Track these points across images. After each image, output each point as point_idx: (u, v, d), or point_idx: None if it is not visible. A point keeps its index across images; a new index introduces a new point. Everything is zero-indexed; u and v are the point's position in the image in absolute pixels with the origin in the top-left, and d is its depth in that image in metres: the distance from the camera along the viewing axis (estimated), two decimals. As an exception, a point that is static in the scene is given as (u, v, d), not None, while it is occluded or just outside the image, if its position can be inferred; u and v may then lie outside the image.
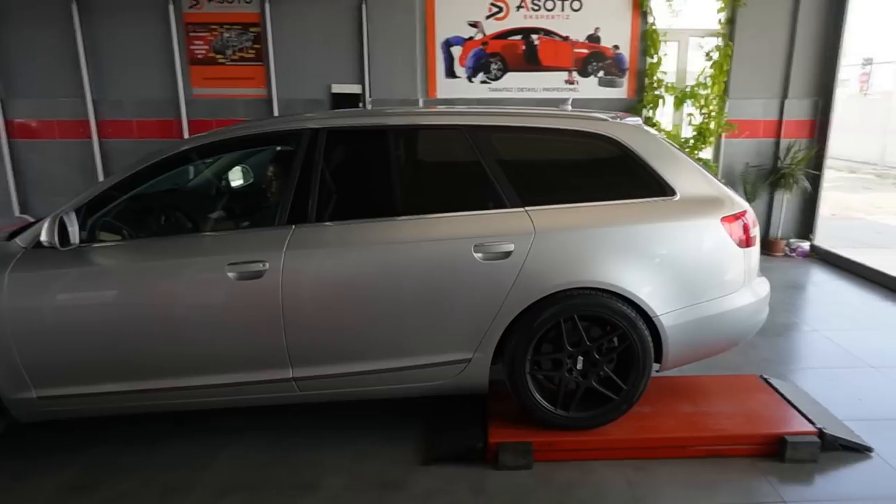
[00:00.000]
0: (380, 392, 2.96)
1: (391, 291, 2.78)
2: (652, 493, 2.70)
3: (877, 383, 3.70)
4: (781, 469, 2.86)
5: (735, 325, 3.07)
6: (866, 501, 2.66)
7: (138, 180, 2.90)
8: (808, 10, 6.25)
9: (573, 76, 6.50)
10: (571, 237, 2.82)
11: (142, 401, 2.84)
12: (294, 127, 2.99)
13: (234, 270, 2.69)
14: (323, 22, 6.28)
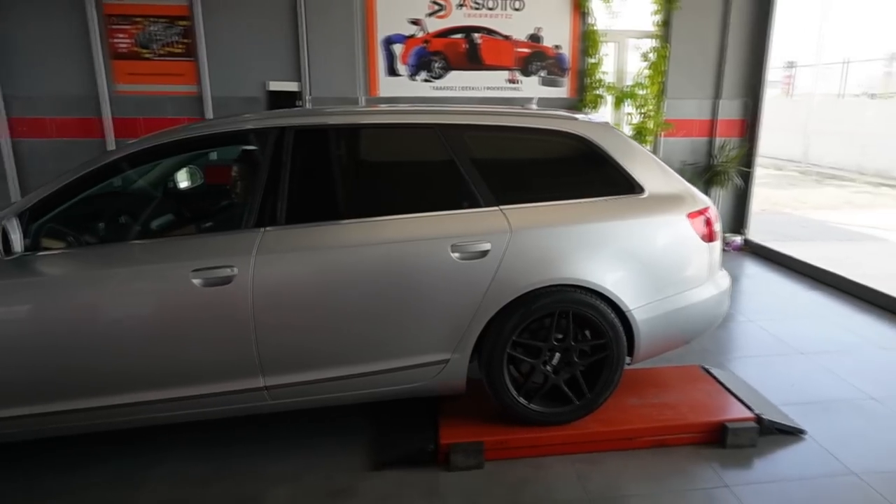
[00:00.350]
0: (356, 397, 2.87)
1: (367, 294, 2.71)
2: (602, 486, 2.74)
3: (807, 369, 3.88)
4: (723, 455, 2.96)
5: (700, 317, 3.17)
6: (802, 481, 2.77)
7: (89, 182, 2.70)
8: (737, 15, 6.50)
9: (515, 75, 6.55)
10: (547, 235, 2.83)
11: (97, 419, 2.64)
12: (259, 126, 2.85)
13: (200, 277, 2.54)
14: (258, 17, 6.09)
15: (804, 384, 3.67)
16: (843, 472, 2.83)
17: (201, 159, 3.49)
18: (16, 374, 2.53)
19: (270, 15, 6.08)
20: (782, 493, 2.69)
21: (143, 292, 2.59)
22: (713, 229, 3.10)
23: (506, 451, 2.92)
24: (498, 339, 2.82)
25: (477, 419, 3.03)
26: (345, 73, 6.30)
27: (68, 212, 2.71)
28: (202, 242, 2.72)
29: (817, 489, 2.72)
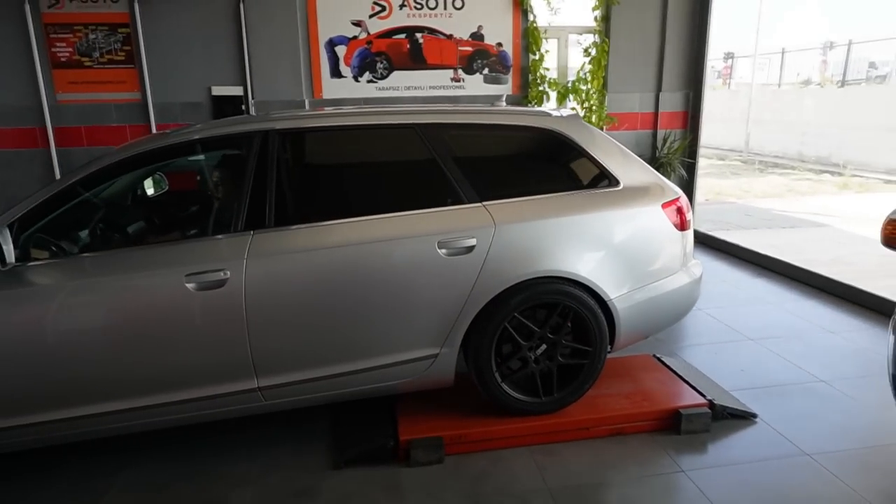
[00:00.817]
0: (347, 394, 2.88)
1: (358, 292, 2.73)
2: (560, 475, 2.73)
3: (756, 354, 3.94)
4: (678, 441, 2.97)
5: (675, 305, 3.25)
6: (755, 463, 2.80)
7: (77, 191, 2.69)
8: (675, 8, 6.64)
9: (459, 74, 6.54)
10: (529, 229, 2.87)
11: (94, 426, 2.63)
12: (243, 129, 2.85)
13: (194, 281, 2.54)
14: (199, 22, 5.96)
15: (754, 369, 3.73)
16: (795, 453, 2.87)
17: (183, 165, 3.42)
18: (13, 385, 2.51)
19: (212, 20, 5.96)
20: (737, 476, 2.71)
21: (138, 298, 2.57)
22: (685, 218, 3.17)
23: (464, 445, 2.90)
24: (485, 332, 2.85)
25: (435, 414, 3.02)
26: (289, 75, 6.20)
27: (58, 221, 2.68)
28: (194, 247, 2.68)
29: (771, 471, 2.75)
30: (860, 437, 3.03)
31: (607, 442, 2.98)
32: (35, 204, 2.58)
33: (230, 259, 2.59)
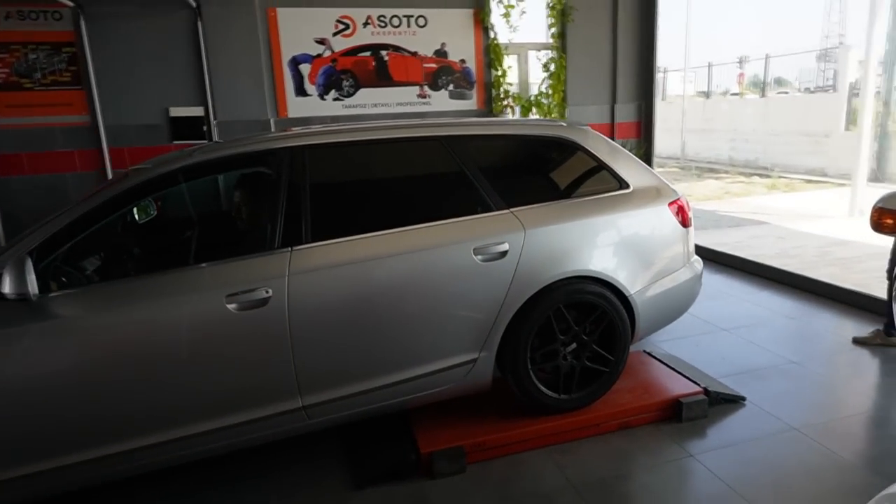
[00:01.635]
0: (390, 406, 2.89)
1: (399, 303, 2.76)
2: (581, 471, 2.86)
3: (732, 343, 4.24)
4: (681, 429, 3.18)
5: (683, 298, 3.48)
6: (753, 441, 3.04)
7: (100, 215, 2.53)
8: (624, 25, 6.99)
9: (425, 90, 6.68)
10: (556, 232, 3.01)
11: (127, 462, 2.49)
12: (274, 146, 2.81)
13: (235, 301, 2.48)
14: (153, 40, 5.81)
15: (733, 356, 4.00)
16: (785, 428, 3.13)
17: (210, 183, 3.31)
18: (49, 424, 2.35)
19: (168, 38, 5.82)
20: (740, 455, 2.94)
21: (177, 324, 2.47)
22: (687, 216, 3.41)
23: (484, 453, 2.98)
24: (521, 333, 2.95)
25: (451, 424, 3.08)
26: (252, 95, 6.16)
27: (80, 247, 2.55)
28: (232, 267, 2.59)
29: (768, 446, 2.99)
30: (837, 409, 3.34)
31: (617, 436, 3.15)
32: (55, 230, 2.43)
33: (272, 277, 2.55)
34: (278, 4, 6.05)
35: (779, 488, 2.68)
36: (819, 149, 14.29)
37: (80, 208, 2.50)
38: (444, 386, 2.93)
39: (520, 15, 6.71)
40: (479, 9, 6.61)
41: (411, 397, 2.89)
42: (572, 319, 3.06)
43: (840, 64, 15.11)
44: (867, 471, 2.77)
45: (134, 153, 5.88)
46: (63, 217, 2.47)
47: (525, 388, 3.05)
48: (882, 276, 5.13)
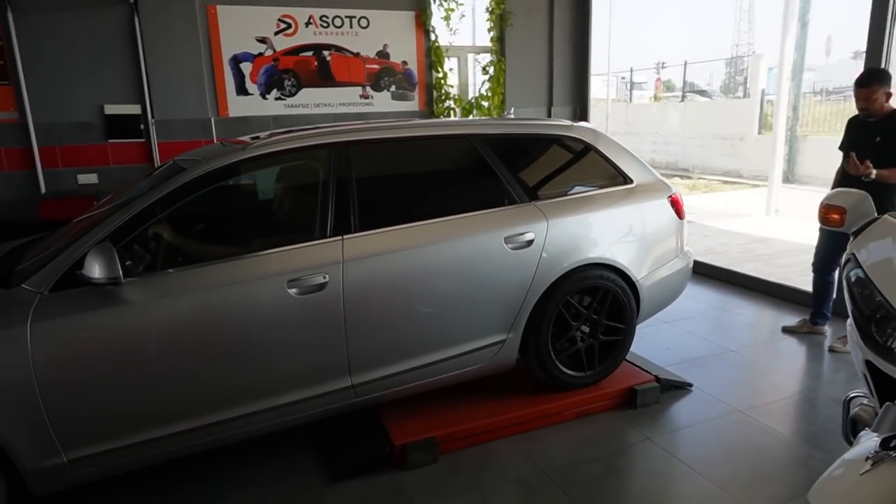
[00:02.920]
0: (426, 385, 3.08)
1: (438, 287, 2.97)
2: (547, 457, 3.00)
3: (673, 334, 4.50)
4: (636, 414, 3.37)
5: (677, 285, 3.79)
6: (703, 423, 3.27)
7: (166, 204, 2.62)
8: (560, 31, 7.22)
9: (367, 91, 6.68)
10: (574, 223, 3.28)
11: (188, 441, 2.60)
12: (322, 141, 2.99)
13: (296, 286, 2.64)
14: (87, 36, 5.55)
15: (676, 347, 4.25)
16: (731, 411, 3.37)
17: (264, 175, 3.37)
18: (131, 402, 2.46)
19: (103, 33, 5.58)
20: (693, 436, 3.15)
21: (244, 307, 2.61)
22: (682, 208, 3.71)
23: (454, 443, 3.07)
24: (543, 316, 3.19)
25: (419, 416, 3.15)
26: (191, 93, 5.99)
27: (145, 235, 2.65)
28: (291, 254, 2.73)
29: (717, 428, 3.22)
30: (774, 392, 3.61)
31: (578, 423, 3.30)
32: (127, 218, 2.51)
33: (328, 263, 2.71)
34: (218, 2, 5.92)
35: (730, 464, 2.90)
36: (734, 151, 15.18)
37: (146, 199, 2.58)
38: (475, 365, 3.15)
39: (460, 18, 6.82)
40: (420, 11, 6.68)
41: (447, 376, 3.10)
42: (587, 303, 3.34)
43: (752, 71, 16.13)
44: (807, 445, 3.02)
45: (66, 152, 5.62)
46: (132, 207, 2.55)
47: (547, 368, 3.29)
48: (801, 270, 5.55)
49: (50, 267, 2.39)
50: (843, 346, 4.05)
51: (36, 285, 2.35)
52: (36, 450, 2.31)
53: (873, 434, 1.82)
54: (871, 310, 1.92)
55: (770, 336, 4.44)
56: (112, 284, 2.31)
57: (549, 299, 3.19)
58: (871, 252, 2.07)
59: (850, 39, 28.45)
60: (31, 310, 2.29)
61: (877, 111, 3.77)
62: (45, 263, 2.42)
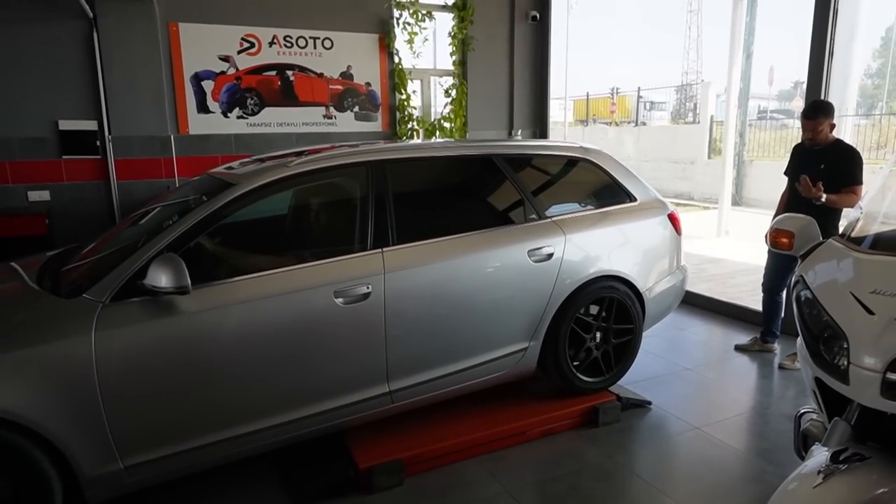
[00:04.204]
0: (455, 391, 3.24)
1: (471, 297, 3.14)
2: (513, 477, 3.03)
3: (632, 353, 4.59)
4: (598, 433, 3.44)
5: (675, 298, 4.05)
6: (661, 440, 3.38)
7: (219, 216, 2.73)
8: (520, 56, 7.41)
9: (331, 111, 6.70)
10: (589, 238, 3.52)
11: (235, 447, 2.68)
12: (361, 160, 3.14)
13: (341, 296, 2.78)
14: (43, 49, 5.42)
15: (634, 365, 4.25)
16: (688, 428, 3.47)
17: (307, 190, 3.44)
18: (185, 408, 2.54)
19: (58, 47, 5.45)
20: (653, 454, 3.24)
21: (294, 316, 2.72)
22: (679, 225, 3.97)
23: (420, 465, 3.07)
24: (561, 324, 3.41)
25: (384, 438, 3.14)
26: (150, 110, 5.90)
27: (199, 246, 2.71)
28: (336, 266, 2.87)
29: (676, 445, 3.32)
30: (729, 408, 3.74)
31: (542, 442, 3.35)
32: (184, 229, 2.60)
33: (371, 274, 2.86)
34: (181, 19, 5.87)
35: (689, 480, 2.99)
36: (685, 174, 15.70)
37: (200, 211, 2.67)
38: (499, 372, 3.34)
39: (423, 42, 6.93)
40: (384, 34, 6.75)
41: (473, 382, 3.27)
42: (598, 312, 3.56)
43: (701, 98, 16.74)
44: (761, 460, 3.14)
45: (17, 168, 5.46)
46: (187, 219, 2.64)
47: (562, 373, 3.49)
48: (751, 290, 5.77)
49: (110, 277, 2.45)
50: (793, 364, 4.23)
51: (97, 295, 2.41)
52: (95, 456, 2.35)
53: (824, 448, 1.92)
54: (819, 329, 2.03)
55: (723, 354, 4.59)
56: (179, 293, 2.39)
57: (567, 309, 3.41)
58: (818, 274, 2.19)
59: (791, 70, 30.09)
60: (94, 319, 2.34)
61: (822, 141, 3.99)
62: (100, 273, 2.49)
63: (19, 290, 2.72)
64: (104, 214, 5.85)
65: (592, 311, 3.56)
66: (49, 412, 2.23)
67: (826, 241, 2.33)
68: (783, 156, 13.54)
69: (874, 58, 19.33)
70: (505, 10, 7.29)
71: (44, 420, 2.21)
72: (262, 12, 6.18)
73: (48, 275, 2.84)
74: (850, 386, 1.85)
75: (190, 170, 6.07)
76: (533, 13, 7.31)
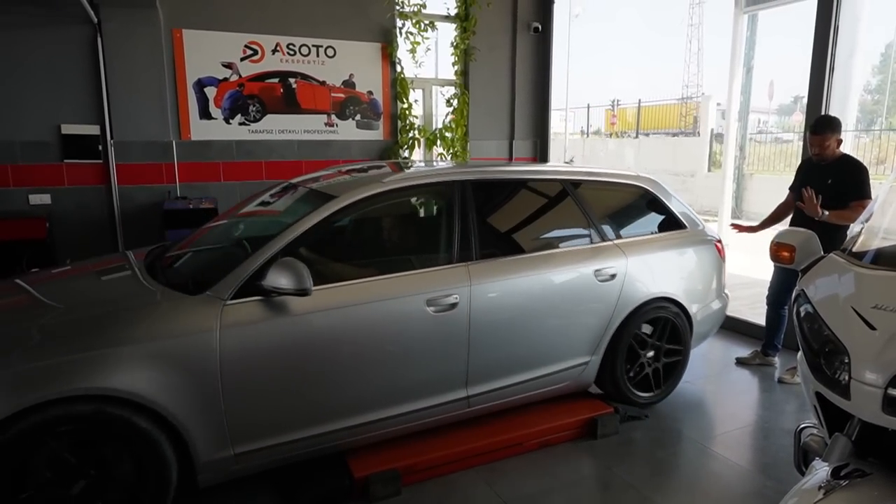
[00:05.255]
0: (522, 399, 3.44)
1: (543, 311, 3.34)
2: (510, 488, 3.01)
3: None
4: (597, 445, 3.43)
5: (716, 321, 4.21)
6: (660, 453, 3.36)
7: (321, 227, 2.91)
8: (521, 67, 7.43)
9: (332, 119, 6.71)
10: (647, 261, 3.72)
11: (328, 441, 2.88)
12: (445, 179, 3.38)
13: (433, 305, 2.98)
14: (48, 54, 5.44)
15: (633, 377, 4.32)
16: (688, 441, 3.47)
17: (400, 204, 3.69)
18: (274, 407, 2.71)
19: (63, 52, 5.48)
20: (652, 466, 3.21)
21: (391, 322, 2.92)
22: (723, 252, 4.18)
23: (416, 475, 3.05)
24: (620, 341, 3.62)
25: (380, 448, 3.11)
26: (153, 115, 5.91)
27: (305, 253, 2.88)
28: (427, 276, 3.07)
29: (675, 458, 3.31)
30: (729, 422, 3.73)
31: (539, 454, 3.34)
32: (294, 237, 2.80)
33: (459, 286, 3.06)
34: (184, 26, 5.90)
35: (689, 494, 2.97)
36: (685, 187, 15.70)
37: (304, 223, 2.86)
38: (563, 383, 3.55)
39: (425, 51, 6.95)
40: (386, 43, 6.77)
41: (539, 391, 3.48)
42: (651, 332, 3.78)
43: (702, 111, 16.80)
44: (761, 475, 3.12)
45: (19, 171, 5.47)
46: (294, 229, 2.83)
47: (618, 387, 3.69)
48: (750, 303, 5.75)
49: (230, 277, 2.65)
50: (792, 378, 4.21)
51: (218, 293, 2.62)
52: (211, 442, 2.57)
53: (824, 464, 1.90)
54: (820, 344, 2.02)
55: (724, 367, 4.58)
56: (300, 295, 2.60)
57: (625, 327, 3.61)
58: (819, 288, 2.18)
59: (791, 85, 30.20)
60: (219, 315, 2.55)
61: (829, 156, 3.97)
62: (216, 273, 2.72)
63: (139, 283, 2.93)
64: (105, 219, 5.85)
65: (646, 330, 3.77)
66: (175, 399, 2.44)
67: (827, 255, 2.32)
68: (783, 170, 13.59)
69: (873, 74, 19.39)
70: (507, 20, 7.32)
71: (170, 405, 2.43)
72: (266, 20, 6.20)
73: (161, 270, 3.09)
74: (851, 401, 1.84)
75: (191, 175, 6.09)
76: (535, 24, 7.34)
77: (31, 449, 2.28)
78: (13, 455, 2.23)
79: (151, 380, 2.40)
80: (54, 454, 2.33)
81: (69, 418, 2.29)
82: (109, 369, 2.34)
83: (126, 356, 2.38)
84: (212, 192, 6.17)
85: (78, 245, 5.61)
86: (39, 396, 2.22)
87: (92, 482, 2.39)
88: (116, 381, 2.34)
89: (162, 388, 2.41)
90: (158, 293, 2.75)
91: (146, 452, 2.43)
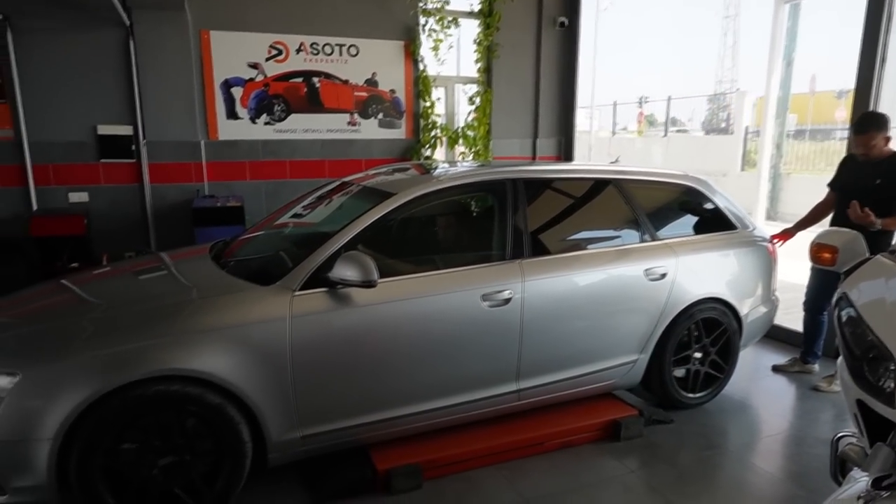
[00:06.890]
0: (571, 395, 3.46)
1: (593, 308, 3.36)
2: (531, 488, 2.98)
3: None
4: (620, 447, 3.35)
5: (764, 325, 4.14)
6: (685, 459, 3.27)
7: (381, 223, 3.01)
8: (546, 64, 7.34)
9: (355, 118, 6.72)
10: (697, 261, 3.67)
11: (383, 429, 2.98)
12: (497, 177, 3.41)
13: (488, 300, 3.03)
14: (83, 56, 5.55)
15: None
16: (714, 447, 3.38)
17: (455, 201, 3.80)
18: (339, 392, 2.84)
19: (99, 55, 5.58)
20: (678, 471, 3.13)
21: (448, 314, 3.01)
22: (775, 256, 4.10)
23: (437, 470, 3.05)
24: (668, 341, 3.59)
25: (401, 442, 3.10)
26: (182, 115, 5.99)
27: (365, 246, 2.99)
28: (482, 272, 3.13)
29: (700, 464, 3.22)
30: (760, 429, 3.63)
31: (560, 453, 3.28)
32: (358, 230, 2.90)
33: (513, 282, 3.10)
34: (212, 27, 5.96)
35: (714, 501, 2.88)
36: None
37: (366, 218, 2.95)
38: (609, 381, 3.54)
39: (448, 49, 6.91)
40: (409, 41, 6.75)
41: (587, 388, 3.48)
42: (698, 333, 3.73)
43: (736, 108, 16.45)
44: (792, 484, 3.02)
45: (59, 170, 5.62)
46: (359, 221, 2.94)
47: (665, 388, 3.67)
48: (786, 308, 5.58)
49: (298, 269, 2.78)
50: (829, 386, 4.06)
51: (288, 283, 2.74)
52: (282, 424, 2.71)
53: (864, 474, 1.81)
54: (864, 349, 1.92)
55: (759, 374, 4.44)
56: (366, 286, 2.70)
57: (674, 327, 3.57)
58: (863, 291, 2.07)
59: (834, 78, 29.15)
60: (290, 304, 2.68)
61: (876, 156, 3.74)
62: (283, 265, 2.89)
63: (215, 275, 3.09)
64: (138, 215, 5.98)
65: (695, 330, 3.72)
66: (250, 382, 2.60)
67: (873, 257, 2.20)
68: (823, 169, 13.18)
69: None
70: (532, 16, 7.23)
71: (246, 387, 2.59)
72: (291, 20, 6.24)
73: (231, 262, 3.26)
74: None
75: (218, 174, 6.17)
76: (561, 19, 7.22)
77: (127, 423, 2.45)
78: (114, 426, 2.41)
79: (230, 363, 2.57)
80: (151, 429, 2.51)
81: (160, 398, 2.47)
82: (195, 352, 2.53)
83: (207, 341, 2.56)
84: (238, 190, 6.22)
85: (113, 241, 5.73)
86: (151, 370, 2.44)
87: (178, 459, 2.55)
88: (200, 364, 2.52)
89: (238, 372, 2.58)
90: (234, 284, 2.89)
91: (227, 431, 2.59)
